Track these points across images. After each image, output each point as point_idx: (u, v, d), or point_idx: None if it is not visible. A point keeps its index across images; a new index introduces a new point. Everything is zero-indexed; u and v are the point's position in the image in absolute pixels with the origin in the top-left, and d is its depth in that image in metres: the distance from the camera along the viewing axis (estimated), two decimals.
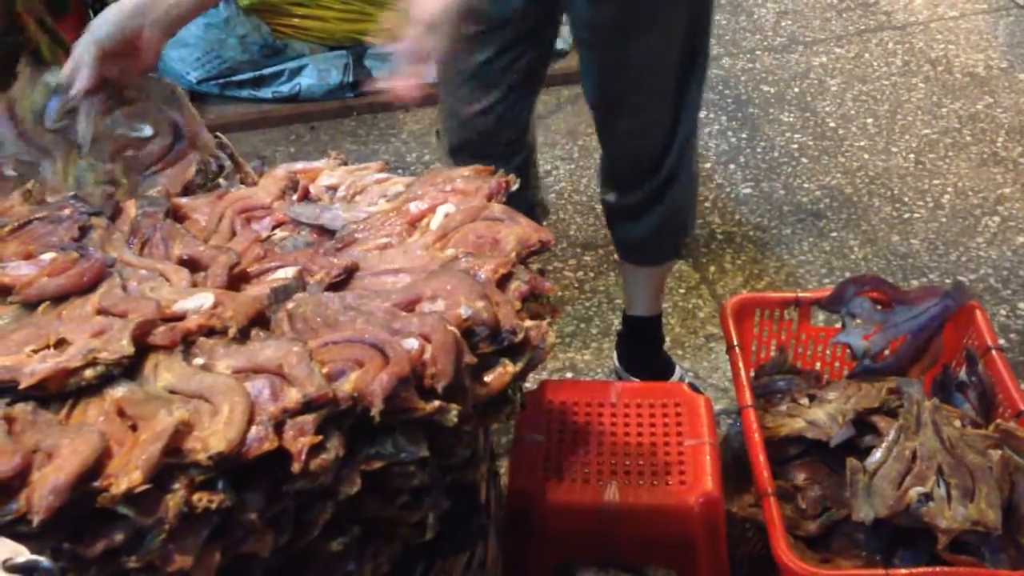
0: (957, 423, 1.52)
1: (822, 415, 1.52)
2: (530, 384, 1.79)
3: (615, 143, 1.77)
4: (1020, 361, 2.02)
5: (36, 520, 0.75)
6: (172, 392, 0.89)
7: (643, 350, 2.04)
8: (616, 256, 2.35)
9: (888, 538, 1.41)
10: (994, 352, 1.58)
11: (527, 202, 1.17)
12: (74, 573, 0.76)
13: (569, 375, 2.09)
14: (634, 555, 1.51)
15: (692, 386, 1.80)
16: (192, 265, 1.11)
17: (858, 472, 1.39)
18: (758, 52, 3.25)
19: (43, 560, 0.52)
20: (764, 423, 1.53)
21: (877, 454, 1.42)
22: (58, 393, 0.89)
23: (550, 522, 1.46)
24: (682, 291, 2.27)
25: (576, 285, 2.33)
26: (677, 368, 2.04)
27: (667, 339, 2.06)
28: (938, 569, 1.31)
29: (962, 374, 1.63)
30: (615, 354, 2.07)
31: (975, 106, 2.87)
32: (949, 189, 2.55)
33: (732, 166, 2.71)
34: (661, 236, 1.84)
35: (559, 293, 2.26)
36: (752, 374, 1.73)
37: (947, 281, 2.23)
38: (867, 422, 1.50)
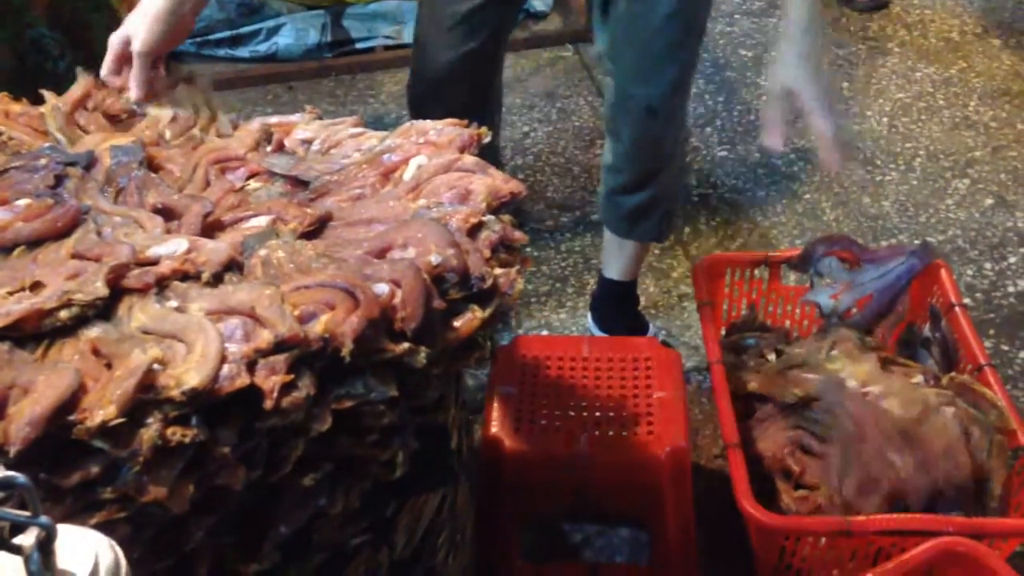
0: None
1: None
2: (505, 341, 1.81)
3: (618, 101, 1.75)
4: (985, 319, 2.06)
5: (13, 451, 0.76)
6: (146, 332, 0.91)
7: (617, 310, 2.06)
8: (594, 217, 2.38)
9: None
10: (957, 309, 1.61)
11: (494, 151, 1.19)
12: (51, 503, 0.78)
13: (544, 333, 2.12)
14: (603, 505, 1.54)
15: (664, 342, 1.83)
16: (166, 213, 1.12)
17: None
18: (737, 16, 3.26)
19: (19, 476, 0.54)
20: (733, 378, 1.56)
21: None
22: (33, 334, 0.91)
23: (521, 472, 1.48)
24: (657, 252, 2.30)
25: (552, 246, 2.35)
26: (651, 328, 2.07)
27: (641, 299, 2.09)
28: (894, 516, 1.36)
29: (926, 331, 1.67)
30: (589, 314, 2.10)
31: (949, 71, 2.90)
32: (921, 152, 2.58)
33: (708, 129, 2.73)
34: (649, 211, 1.84)
35: (535, 253, 2.28)
36: (723, 332, 1.76)
37: (916, 242, 2.27)
38: None
